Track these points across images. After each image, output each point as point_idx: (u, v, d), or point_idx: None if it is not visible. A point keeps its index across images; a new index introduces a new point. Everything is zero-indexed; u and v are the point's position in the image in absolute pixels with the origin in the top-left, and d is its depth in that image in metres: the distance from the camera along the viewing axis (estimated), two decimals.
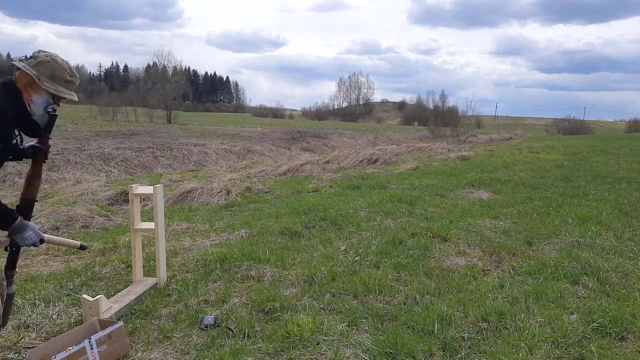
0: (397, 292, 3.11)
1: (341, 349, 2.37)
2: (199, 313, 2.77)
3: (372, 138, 28.78)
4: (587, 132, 37.34)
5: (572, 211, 5.53)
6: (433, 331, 2.53)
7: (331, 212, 5.44)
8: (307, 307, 2.85)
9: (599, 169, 9.53)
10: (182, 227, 5.05)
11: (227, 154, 17.87)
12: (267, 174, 10.63)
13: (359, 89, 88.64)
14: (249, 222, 5.17)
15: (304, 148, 22.31)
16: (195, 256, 3.89)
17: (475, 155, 13.27)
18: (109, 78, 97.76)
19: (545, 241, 4.31)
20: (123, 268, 3.64)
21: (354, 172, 10.19)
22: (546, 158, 12.05)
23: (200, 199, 7.12)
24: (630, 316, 2.68)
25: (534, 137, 28.96)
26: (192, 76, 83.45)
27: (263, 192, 7.60)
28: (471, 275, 3.40)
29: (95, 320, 2.49)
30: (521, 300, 2.95)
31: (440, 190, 7.14)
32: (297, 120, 56.75)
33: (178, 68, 41.21)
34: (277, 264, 3.66)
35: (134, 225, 3.25)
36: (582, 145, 16.56)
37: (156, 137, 19.96)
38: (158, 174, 12.51)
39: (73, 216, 5.57)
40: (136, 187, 3.24)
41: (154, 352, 2.37)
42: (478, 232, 4.61)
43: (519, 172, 9.22)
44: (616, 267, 3.53)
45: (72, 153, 13.57)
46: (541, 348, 2.37)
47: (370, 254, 3.87)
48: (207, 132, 24.61)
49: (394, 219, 5.19)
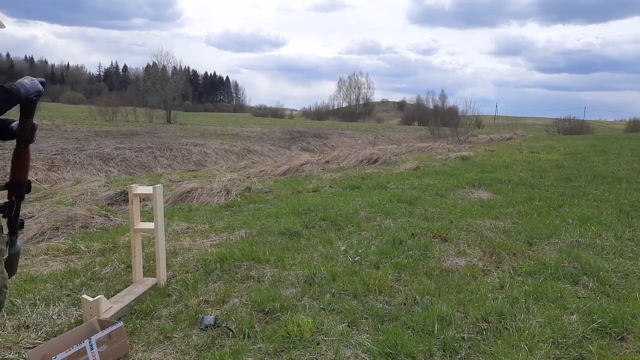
0: (397, 292, 3.11)
1: (341, 349, 2.37)
2: (199, 313, 2.77)
3: (372, 138, 28.78)
4: (588, 132, 37.32)
5: (572, 211, 5.53)
6: (433, 331, 2.53)
7: (331, 212, 5.44)
8: (307, 308, 2.85)
9: (599, 169, 9.53)
10: (181, 227, 5.04)
11: (226, 154, 17.87)
12: (267, 174, 10.63)
13: (358, 89, 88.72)
14: (249, 222, 5.17)
15: (304, 148, 22.31)
16: (195, 256, 3.88)
17: (475, 155, 13.27)
18: (108, 78, 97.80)
19: (546, 241, 4.31)
20: (123, 268, 3.64)
21: (354, 172, 10.18)
22: (546, 158, 12.05)
23: (200, 199, 7.11)
24: (630, 316, 2.68)
25: (534, 137, 28.96)
26: (191, 76, 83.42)
27: (263, 192, 7.60)
28: (471, 276, 3.39)
29: (95, 320, 2.48)
30: (521, 300, 2.95)
31: (440, 190, 7.13)
32: (297, 120, 56.74)
33: (178, 68, 41.23)
34: (277, 264, 3.66)
35: (133, 226, 3.25)
36: (582, 145, 16.56)
37: (156, 137, 19.95)
38: (158, 174, 12.50)
39: (73, 216, 5.56)
40: (136, 187, 3.24)
41: (154, 352, 2.37)
42: (478, 232, 4.61)
43: (519, 172, 9.22)
44: (616, 268, 3.53)
45: (72, 153, 13.56)
46: (541, 348, 2.37)
47: (370, 254, 3.87)
48: (207, 132, 24.59)
49: (394, 219, 5.19)
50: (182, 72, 43.79)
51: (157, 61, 39.74)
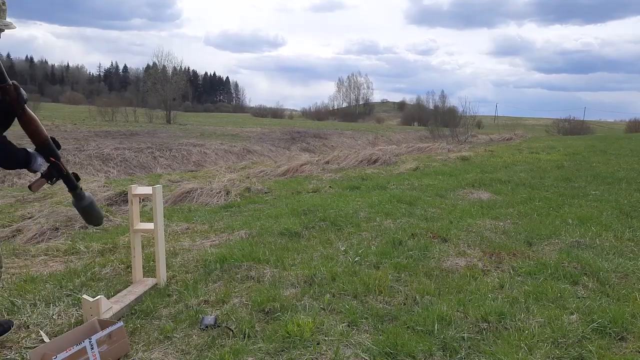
0: (397, 292, 3.11)
1: (341, 349, 2.37)
2: (199, 313, 2.77)
3: (372, 138, 28.79)
4: (587, 132, 37.32)
5: (572, 211, 5.53)
6: (433, 331, 2.53)
7: (331, 212, 5.44)
8: (307, 308, 2.85)
9: (599, 169, 9.53)
10: (181, 228, 5.04)
11: (226, 154, 17.87)
12: (266, 174, 10.63)
13: (358, 89, 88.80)
14: (249, 223, 5.17)
15: (304, 148, 22.31)
16: (195, 257, 3.88)
17: (475, 156, 13.27)
18: (108, 78, 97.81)
19: (545, 241, 4.31)
20: (123, 268, 3.64)
21: (353, 172, 10.18)
22: (546, 158, 12.05)
23: (199, 199, 7.11)
24: (630, 316, 2.68)
25: (534, 137, 28.98)
26: (191, 76, 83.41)
27: (262, 192, 7.60)
28: (471, 276, 3.39)
29: (95, 320, 2.48)
30: (521, 300, 2.95)
31: (440, 191, 7.14)
32: (297, 121, 56.79)
33: (178, 68, 41.25)
34: (277, 264, 3.66)
35: (133, 226, 3.25)
36: (582, 145, 16.57)
37: (155, 137, 19.96)
38: (157, 175, 12.50)
39: (72, 216, 5.56)
40: (135, 187, 3.24)
41: (155, 352, 2.37)
42: (478, 232, 4.61)
43: (519, 173, 9.22)
44: (616, 268, 3.53)
45: (71, 153, 13.57)
46: (541, 348, 2.37)
47: (370, 255, 3.87)
48: (207, 132, 24.60)
49: (393, 220, 5.19)
50: (182, 73, 43.80)
51: (158, 61, 39.80)
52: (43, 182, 2.21)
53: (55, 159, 2.21)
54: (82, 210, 2.40)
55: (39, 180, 2.20)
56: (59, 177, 2.24)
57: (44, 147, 2.18)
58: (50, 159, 2.19)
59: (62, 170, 2.23)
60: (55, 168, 2.20)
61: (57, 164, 2.21)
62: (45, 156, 2.18)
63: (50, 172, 2.20)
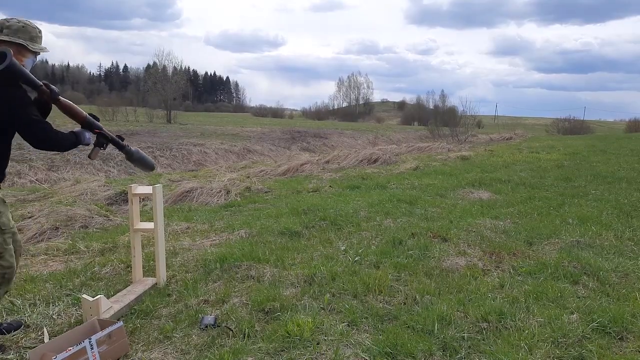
0: (397, 292, 3.11)
1: (341, 348, 2.37)
2: (199, 313, 2.77)
3: (372, 138, 28.80)
4: (587, 132, 37.30)
5: (572, 211, 5.53)
6: (433, 331, 2.53)
7: (331, 212, 5.44)
8: (307, 307, 2.85)
9: (599, 168, 9.53)
10: (181, 227, 5.04)
11: (226, 153, 17.87)
12: (266, 173, 10.63)
13: (358, 89, 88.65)
14: (249, 222, 5.17)
15: (304, 148, 22.31)
16: (195, 256, 3.88)
17: (475, 155, 13.26)
18: (109, 78, 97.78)
19: (546, 241, 4.31)
20: (123, 268, 3.64)
21: (353, 172, 10.18)
22: (546, 158, 12.05)
23: (199, 198, 7.11)
24: (630, 316, 2.68)
25: (534, 137, 28.96)
26: (192, 76, 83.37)
27: (263, 192, 7.60)
28: (471, 275, 3.39)
29: (95, 320, 2.48)
30: (521, 300, 2.95)
31: (440, 190, 7.13)
32: (297, 120, 56.77)
33: (178, 68, 41.25)
34: (277, 264, 3.66)
35: (133, 225, 3.25)
36: (582, 145, 16.56)
37: (156, 137, 19.96)
38: (157, 174, 12.48)
39: (72, 216, 5.56)
40: (135, 187, 3.24)
41: (154, 352, 2.37)
42: (478, 232, 4.61)
43: (519, 172, 9.21)
44: (616, 267, 3.53)
45: (72, 153, 13.55)
46: (541, 348, 2.37)
47: (370, 254, 3.87)
48: (207, 132, 24.60)
49: (393, 219, 5.19)
50: (182, 72, 43.80)
51: (158, 61, 39.81)
52: (98, 150, 2.61)
53: (100, 130, 2.56)
54: (136, 161, 2.78)
55: (94, 150, 2.60)
56: (108, 142, 2.60)
57: (87, 124, 2.54)
58: (95, 130, 2.55)
59: (107, 137, 2.60)
60: (101, 136, 2.58)
61: (102, 133, 2.57)
62: (90, 130, 2.54)
63: (99, 141, 2.58)
